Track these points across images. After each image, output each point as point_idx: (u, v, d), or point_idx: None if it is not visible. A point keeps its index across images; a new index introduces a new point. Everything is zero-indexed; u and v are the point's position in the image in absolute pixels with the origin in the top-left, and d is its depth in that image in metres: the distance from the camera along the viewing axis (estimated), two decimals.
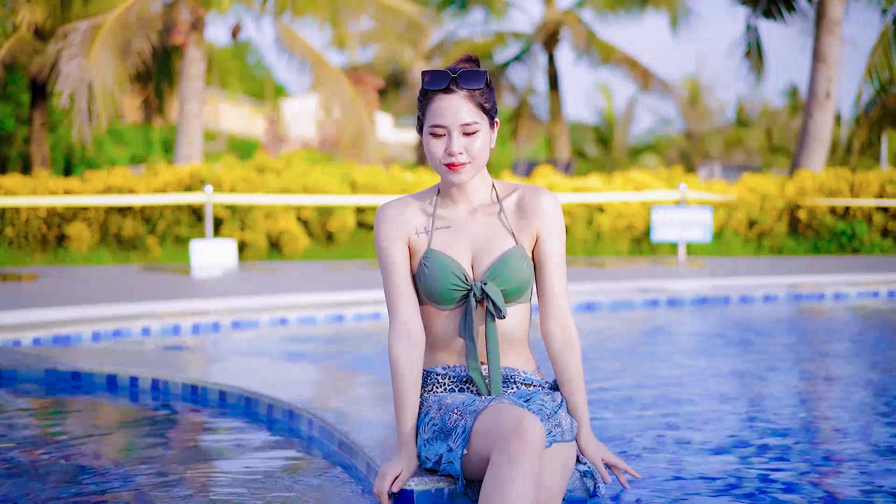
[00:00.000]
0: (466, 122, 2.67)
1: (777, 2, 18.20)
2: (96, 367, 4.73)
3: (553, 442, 2.62)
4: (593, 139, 40.89)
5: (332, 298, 8.05)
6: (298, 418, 3.74)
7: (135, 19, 14.97)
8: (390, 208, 2.80)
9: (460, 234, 2.78)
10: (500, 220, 2.78)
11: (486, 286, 2.72)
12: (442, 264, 2.73)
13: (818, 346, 6.49)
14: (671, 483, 3.05)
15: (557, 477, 2.58)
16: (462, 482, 2.63)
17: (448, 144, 2.68)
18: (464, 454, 2.59)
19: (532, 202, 2.77)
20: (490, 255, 2.75)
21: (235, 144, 32.49)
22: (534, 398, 2.72)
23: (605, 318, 7.82)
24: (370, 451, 3.04)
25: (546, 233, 2.76)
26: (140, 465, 3.37)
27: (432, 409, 2.74)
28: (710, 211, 13.34)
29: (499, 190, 2.82)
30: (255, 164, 15.41)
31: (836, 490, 2.98)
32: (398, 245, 2.77)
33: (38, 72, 16.83)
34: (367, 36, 25.07)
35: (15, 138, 21.16)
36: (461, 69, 2.69)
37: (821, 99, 16.84)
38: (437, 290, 2.74)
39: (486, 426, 2.54)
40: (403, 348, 2.74)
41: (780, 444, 3.55)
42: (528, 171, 22.52)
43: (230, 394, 4.21)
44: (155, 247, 13.83)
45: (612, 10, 26.34)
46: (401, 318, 2.76)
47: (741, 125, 42.09)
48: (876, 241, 15.09)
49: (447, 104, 2.67)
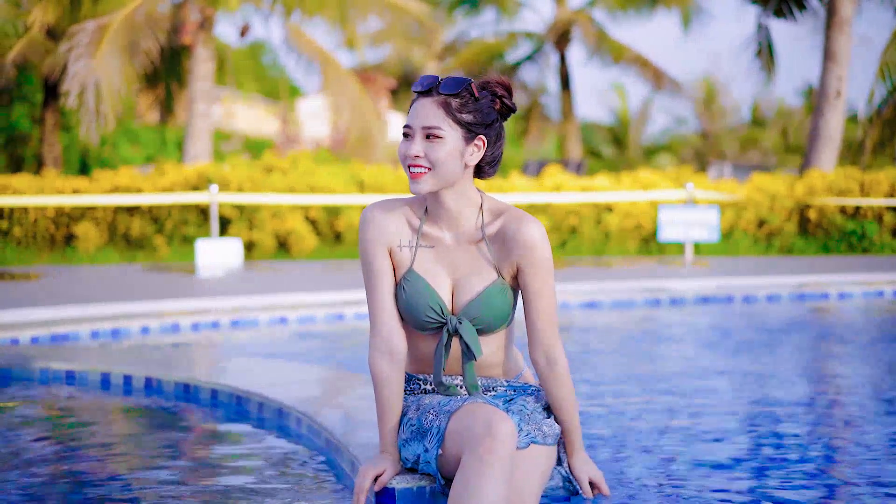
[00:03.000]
0: (428, 126, 2.57)
1: (788, 1, 18.12)
2: (90, 366, 4.75)
3: (531, 443, 2.61)
4: (608, 139, 40.81)
5: (332, 298, 8.06)
6: (287, 416, 3.76)
7: (143, 19, 15.03)
8: (377, 211, 2.71)
9: (443, 259, 2.69)
10: (482, 250, 2.68)
11: (460, 325, 2.66)
12: (420, 292, 2.66)
13: (820, 345, 6.46)
14: (665, 479, 3.04)
15: (532, 479, 2.56)
16: (441, 481, 2.63)
17: (408, 145, 2.61)
18: (439, 454, 2.59)
19: (514, 232, 2.64)
20: (470, 289, 2.67)
21: (250, 145, 32.56)
22: (515, 399, 2.72)
23: (605, 316, 7.82)
24: (355, 449, 3.05)
25: (527, 264, 2.63)
26: (128, 461, 3.40)
27: (410, 410, 2.74)
28: (717, 211, 13.29)
29: (486, 215, 2.69)
30: (262, 164, 15.46)
31: (837, 490, 2.98)
32: (383, 252, 2.69)
33: (50, 72, 16.92)
34: (379, 36, 25.13)
35: (30, 138, 21.27)
36: (448, 76, 2.62)
37: (831, 98, 16.77)
38: (411, 317, 2.68)
39: (458, 426, 2.54)
40: (385, 363, 2.68)
41: (778, 436, 3.54)
42: (538, 170, 22.50)
43: (221, 392, 4.24)
44: (163, 246, 13.88)
45: (623, 10, 26.28)
46: (381, 332, 2.69)
47: (757, 125, 41.94)
48: (886, 241, 15.01)
49: (419, 105, 2.60)
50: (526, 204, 14.79)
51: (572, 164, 23.09)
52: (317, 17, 17.16)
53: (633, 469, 3.18)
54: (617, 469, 3.16)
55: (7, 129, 21.31)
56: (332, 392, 4.16)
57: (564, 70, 27.26)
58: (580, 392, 4.61)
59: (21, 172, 18.38)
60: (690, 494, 2.89)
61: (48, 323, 6.49)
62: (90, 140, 14.99)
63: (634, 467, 3.20)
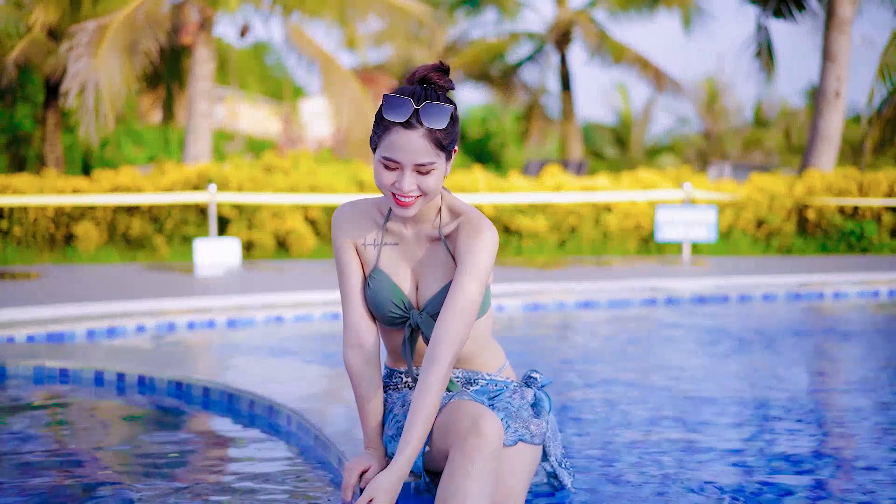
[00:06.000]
0: (421, 163, 2.52)
1: (787, 1, 18.12)
2: (84, 364, 4.78)
3: (519, 441, 2.62)
4: (610, 140, 40.78)
5: (328, 297, 8.09)
6: (278, 414, 3.79)
7: (143, 19, 15.05)
8: (345, 212, 2.74)
9: (406, 256, 2.71)
10: (442, 247, 2.69)
11: (421, 319, 2.68)
12: (384, 288, 2.70)
13: (815, 344, 6.48)
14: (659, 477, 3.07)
15: (519, 477, 2.58)
16: (426, 479, 2.65)
17: (399, 180, 2.54)
18: (426, 451, 2.61)
19: (465, 234, 2.62)
20: (432, 284, 2.69)
21: (253, 145, 32.57)
22: (500, 396, 2.73)
23: (601, 316, 7.84)
24: (342, 445, 3.07)
25: (463, 266, 2.58)
26: (121, 457, 3.42)
27: (396, 406, 2.76)
28: (715, 210, 13.31)
29: (444, 215, 2.69)
30: (262, 164, 15.48)
31: (829, 484, 3.00)
32: (350, 250, 2.73)
33: (52, 72, 16.96)
34: (380, 37, 25.13)
35: (32, 139, 21.31)
36: (425, 104, 2.50)
37: (830, 98, 16.77)
38: (377, 312, 2.72)
39: (445, 423, 2.55)
40: (356, 356, 2.73)
41: (773, 433, 3.56)
42: (539, 171, 22.50)
43: (213, 390, 4.27)
44: (162, 246, 13.91)
45: (623, 10, 26.28)
46: (351, 326, 2.73)
47: (759, 125, 41.89)
48: (885, 241, 15.02)
49: (404, 140, 2.50)
50: (526, 204, 14.81)
51: (573, 165, 23.10)
52: (317, 18, 17.18)
53: (625, 466, 3.20)
54: (609, 465, 3.19)
55: (9, 130, 21.35)
56: (323, 390, 4.20)
57: (565, 70, 27.26)
58: (580, 390, 4.64)
59: (23, 172, 18.41)
60: (685, 492, 2.91)
61: (44, 321, 6.52)
62: (90, 140, 15.01)
63: (627, 464, 3.22)
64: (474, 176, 15.34)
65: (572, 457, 3.22)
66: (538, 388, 2.80)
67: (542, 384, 2.80)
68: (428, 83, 2.59)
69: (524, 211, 14.98)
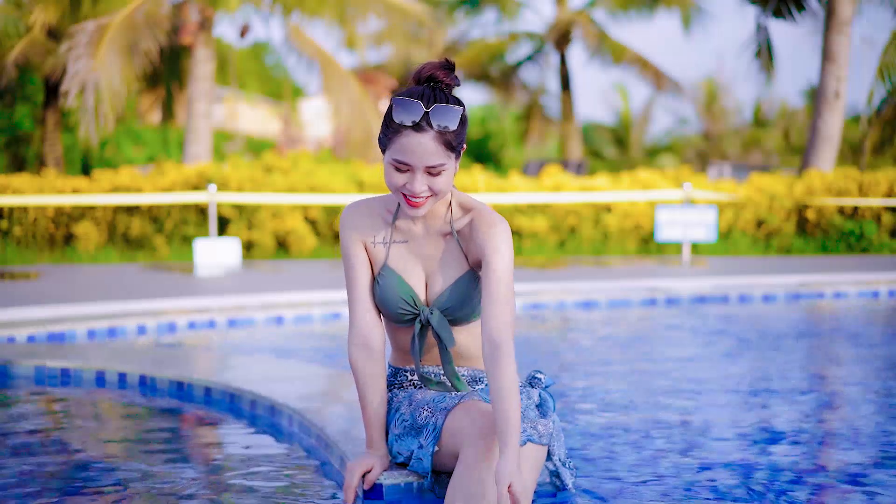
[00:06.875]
0: (432, 165, 2.53)
1: (787, 1, 18.13)
2: (85, 364, 4.78)
3: (528, 441, 2.63)
4: (610, 140, 40.78)
5: (329, 297, 8.09)
6: (280, 413, 3.79)
7: (142, 19, 15.05)
8: (353, 211, 2.75)
9: (416, 252, 2.72)
10: (452, 243, 2.70)
11: (430, 316, 2.69)
12: (393, 285, 2.70)
13: (814, 344, 6.48)
14: (658, 477, 3.07)
15: (528, 475, 2.59)
16: (430, 479, 2.66)
17: (410, 181, 2.55)
18: (435, 451, 2.62)
19: (482, 227, 2.64)
20: (442, 280, 2.71)
21: (253, 145, 32.57)
22: None
23: (601, 316, 7.84)
24: (344, 445, 3.07)
25: (489, 259, 2.59)
26: (122, 457, 3.42)
27: (403, 405, 2.77)
28: (715, 211, 13.31)
29: (455, 210, 2.70)
30: (262, 164, 15.48)
31: (827, 486, 3.00)
32: (358, 249, 2.73)
33: (52, 72, 16.96)
34: (379, 36, 25.13)
35: (33, 139, 21.32)
36: (434, 106, 2.50)
37: (830, 98, 16.78)
38: (386, 310, 2.73)
39: (456, 423, 2.57)
40: (361, 355, 2.74)
41: (773, 433, 3.56)
42: (538, 171, 22.52)
43: (215, 389, 4.27)
44: (162, 246, 13.91)
45: (623, 10, 26.28)
46: (358, 325, 2.74)
47: (759, 125, 41.90)
48: (885, 242, 15.03)
49: (415, 142, 2.51)
50: (525, 204, 14.82)
51: (572, 165, 23.12)
52: (316, 18, 17.19)
53: (626, 466, 3.20)
54: (610, 466, 3.19)
55: (9, 130, 21.35)
56: (325, 390, 4.20)
57: (565, 70, 27.27)
58: (580, 390, 4.64)
59: (23, 172, 18.41)
60: (685, 492, 2.91)
61: (45, 322, 6.52)
62: (90, 140, 15.02)
63: (627, 464, 3.22)
64: (474, 176, 15.35)
65: (573, 457, 3.22)
66: (542, 389, 2.80)
67: (546, 384, 2.81)
68: (435, 82, 2.59)
69: (524, 211, 14.99)
